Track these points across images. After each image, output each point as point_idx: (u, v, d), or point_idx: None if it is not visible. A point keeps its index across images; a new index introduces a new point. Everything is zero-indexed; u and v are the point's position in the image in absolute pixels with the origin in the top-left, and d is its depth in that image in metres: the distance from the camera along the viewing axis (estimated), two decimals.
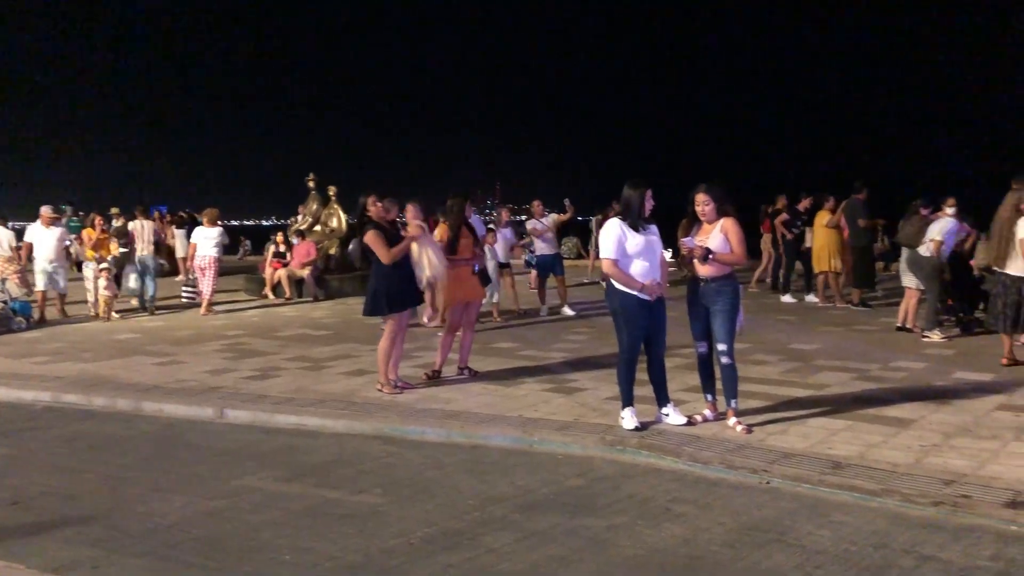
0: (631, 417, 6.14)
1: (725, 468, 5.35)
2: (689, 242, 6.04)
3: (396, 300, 7.48)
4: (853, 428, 6.06)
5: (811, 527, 4.40)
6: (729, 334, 6.04)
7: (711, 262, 5.98)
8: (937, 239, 9.69)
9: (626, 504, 4.84)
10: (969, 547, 4.07)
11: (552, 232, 13.05)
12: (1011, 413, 6.32)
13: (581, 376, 8.06)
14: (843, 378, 7.74)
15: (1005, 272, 7.93)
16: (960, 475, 4.98)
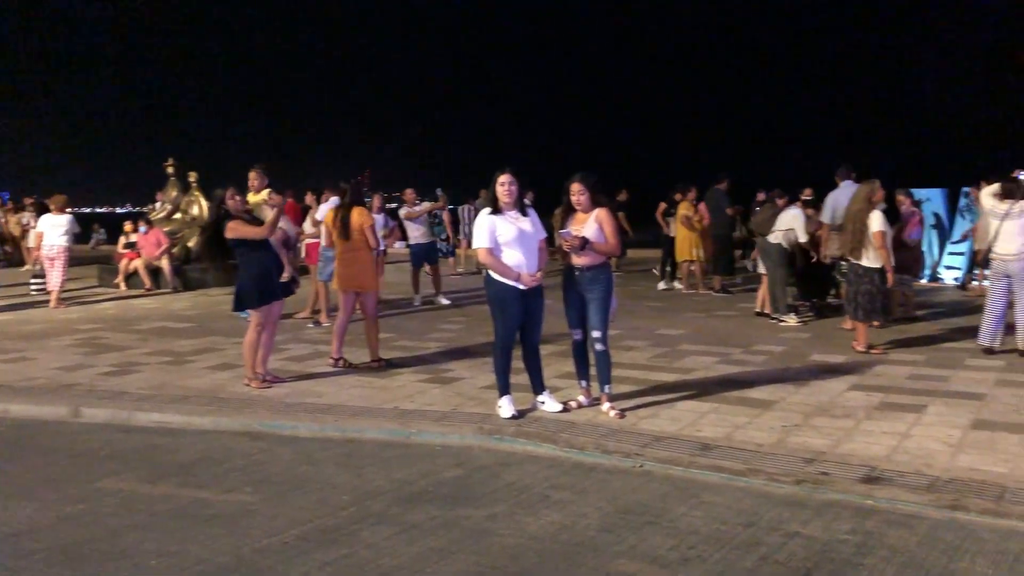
0: (508, 405, 6.15)
1: (600, 453, 5.44)
2: (566, 234, 6.09)
3: (266, 292, 7.24)
4: (719, 410, 6.27)
5: (684, 508, 4.52)
6: (603, 321, 6.14)
7: (586, 252, 6.06)
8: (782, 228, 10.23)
9: (505, 493, 4.85)
10: (830, 522, 4.28)
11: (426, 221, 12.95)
12: (863, 393, 6.70)
13: (457, 366, 8.03)
14: (708, 362, 8.02)
15: (859, 263, 8.38)
16: (819, 453, 5.24)
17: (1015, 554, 3.82)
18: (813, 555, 3.88)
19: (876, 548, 3.93)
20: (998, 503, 4.35)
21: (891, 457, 5.12)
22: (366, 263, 8.09)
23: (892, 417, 5.99)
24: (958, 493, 4.50)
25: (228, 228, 7.12)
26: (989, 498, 4.42)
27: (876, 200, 8.39)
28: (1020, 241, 8.02)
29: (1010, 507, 4.31)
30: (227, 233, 7.13)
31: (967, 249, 14.17)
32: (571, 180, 6.17)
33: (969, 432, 5.59)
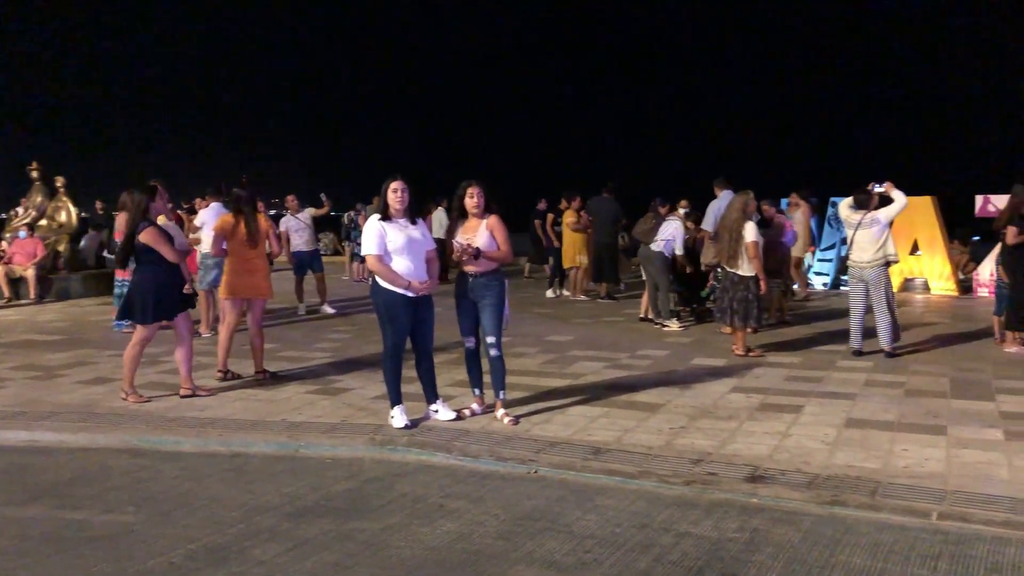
0: (400, 415, 6.09)
1: (495, 460, 5.45)
2: (460, 243, 6.07)
3: (160, 307, 6.90)
4: (609, 414, 6.39)
5: (579, 513, 4.57)
6: (497, 327, 6.16)
7: (479, 260, 6.06)
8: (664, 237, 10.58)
9: (399, 504, 4.79)
10: (719, 521, 4.41)
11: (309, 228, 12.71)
12: (744, 395, 6.95)
13: (346, 376, 7.90)
14: (597, 367, 8.16)
15: (735, 271, 8.70)
16: (706, 454, 5.40)
17: (889, 545, 4.03)
18: (704, 554, 3.99)
19: (763, 545, 4.07)
20: (873, 497, 4.59)
21: (773, 456, 5.33)
22: (265, 270, 7.91)
23: (772, 417, 6.23)
24: (836, 489, 4.72)
25: (145, 232, 6.79)
26: (864, 493, 4.65)
27: (750, 211, 8.74)
28: (873, 249, 8.51)
29: (883, 501, 4.54)
30: (141, 236, 6.79)
31: (835, 256, 14.95)
32: (466, 184, 6.16)
33: (843, 430, 5.88)
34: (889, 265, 8.68)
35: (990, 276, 13.38)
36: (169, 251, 6.83)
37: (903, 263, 13.50)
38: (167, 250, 6.82)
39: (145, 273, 6.86)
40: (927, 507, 4.43)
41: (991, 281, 13.33)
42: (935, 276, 14.25)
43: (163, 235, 6.87)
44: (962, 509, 4.38)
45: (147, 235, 6.77)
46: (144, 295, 6.83)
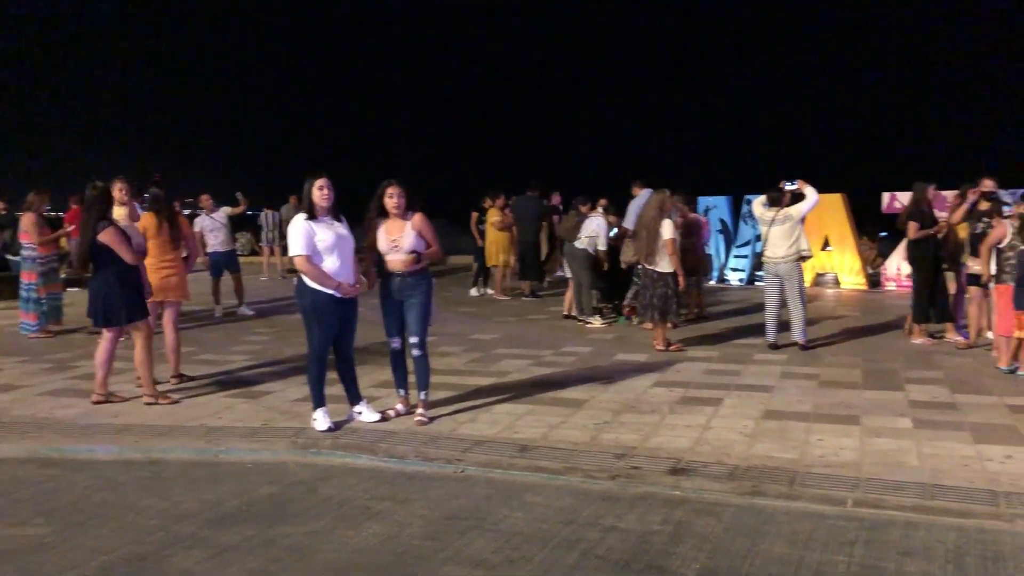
0: (323, 418, 5.99)
1: (421, 461, 5.41)
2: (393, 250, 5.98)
3: (133, 306, 6.76)
4: (535, 412, 6.42)
5: (506, 510, 4.58)
6: (422, 327, 6.12)
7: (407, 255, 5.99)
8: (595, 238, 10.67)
9: (324, 507, 4.71)
10: (643, 514, 4.47)
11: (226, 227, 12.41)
12: (666, 389, 7.07)
13: (266, 379, 7.74)
14: (521, 365, 8.19)
15: (654, 268, 8.84)
16: (630, 448, 5.47)
17: (808, 533, 4.15)
18: (630, 547, 4.03)
19: (687, 536, 4.14)
20: (791, 487, 4.72)
21: (694, 449, 5.43)
22: (182, 272, 7.72)
23: (693, 411, 6.35)
24: (756, 480, 4.84)
25: (105, 232, 6.55)
26: (783, 483, 4.78)
27: (667, 209, 8.89)
28: (787, 245, 8.77)
29: (801, 490, 4.67)
30: (101, 236, 6.54)
31: (750, 252, 15.32)
32: (386, 183, 6.09)
33: (761, 422, 6.03)
34: (802, 260, 8.96)
35: (897, 270, 13.92)
36: (128, 252, 6.65)
37: (815, 258, 13.93)
38: (126, 251, 6.63)
39: (108, 276, 6.65)
40: (843, 495, 4.58)
41: (898, 275, 13.87)
42: (845, 271, 14.74)
43: (122, 236, 6.69)
44: (875, 496, 4.54)
45: (107, 235, 6.57)
46: (111, 298, 6.65)
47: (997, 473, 4.82)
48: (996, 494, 4.49)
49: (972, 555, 3.83)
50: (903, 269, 12.92)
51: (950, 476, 4.79)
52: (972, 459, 5.08)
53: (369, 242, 6.10)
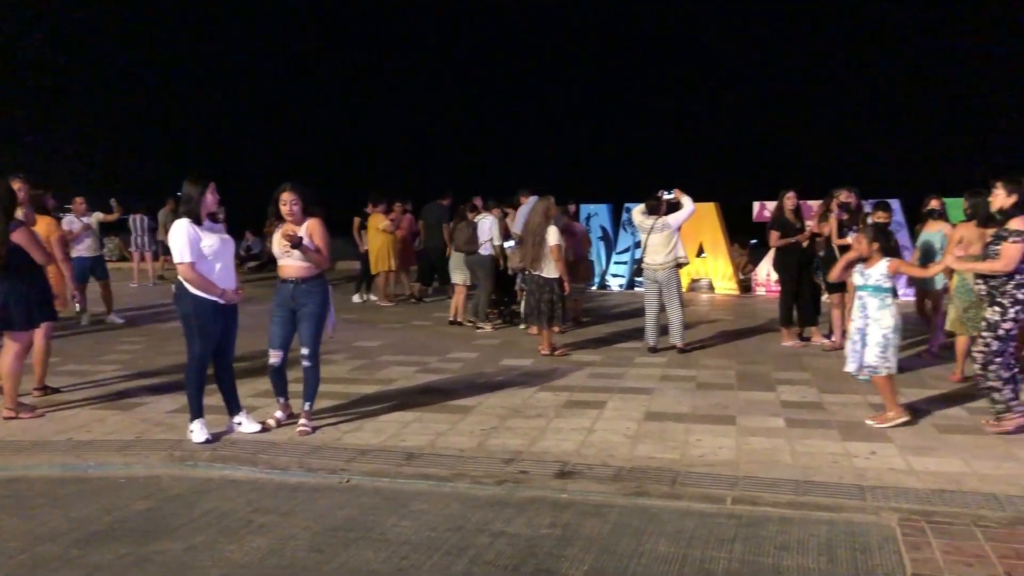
0: (201, 429, 5.78)
1: (304, 471, 5.29)
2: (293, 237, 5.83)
3: (47, 307, 6.53)
4: (421, 419, 6.37)
5: (394, 519, 4.52)
6: (315, 338, 5.98)
7: (302, 260, 5.85)
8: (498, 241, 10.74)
9: (204, 522, 4.54)
10: (531, 518, 4.50)
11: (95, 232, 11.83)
12: (552, 393, 7.15)
13: (139, 390, 7.40)
14: (407, 372, 8.12)
15: (539, 274, 8.93)
16: (517, 453, 5.50)
17: (691, 531, 4.27)
18: (519, 552, 4.05)
19: (574, 539, 4.19)
20: (673, 486, 4.84)
21: (580, 451, 5.51)
22: (56, 278, 7.32)
23: (578, 414, 6.44)
24: (639, 480, 4.94)
25: (19, 232, 6.22)
26: (665, 483, 4.90)
27: (552, 215, 9.01)
28: (665, 252, 9.04)
29: (683, 489, 4.81)
30: (14, 236, 6.19)
31: (629, 259, 15.70)
32: (281, 188, 5.94)
33: (643, 423, 6.17)
34: (680, 267, 9.24)
35: (766, 276, 14.54)
36: (39, 253, 6.37)
37: (690, 264, 14.39)
38: (38, 252, 6.34)
39: (21, 277, 6.35)
40: (722, 493, 4.73)
41: (768, 281, 14.49)
42: (719, 276, 15.29)
43: (34, 236, 6.40)
44: (752, 493, 4.71)
45: (19, 236, 6.24)
46: (23, 300, 6.36)
47: (864, 469, 5.08)
48: (863, 488, 4.73)
49: (842, 547, 4.03)
50: (772, 275, 13.50)
51: (821, 473, 5.03)
52: (840, 456, 5.35)
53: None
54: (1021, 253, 5.63)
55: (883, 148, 30.02)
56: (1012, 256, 5.65)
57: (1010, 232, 5.70)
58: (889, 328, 5.99)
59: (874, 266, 6.10)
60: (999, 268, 5.73)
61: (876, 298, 6.07)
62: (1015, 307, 5.71)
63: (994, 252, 5.80)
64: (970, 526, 4.20)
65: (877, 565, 3.82)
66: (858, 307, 6.16)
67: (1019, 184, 5.83)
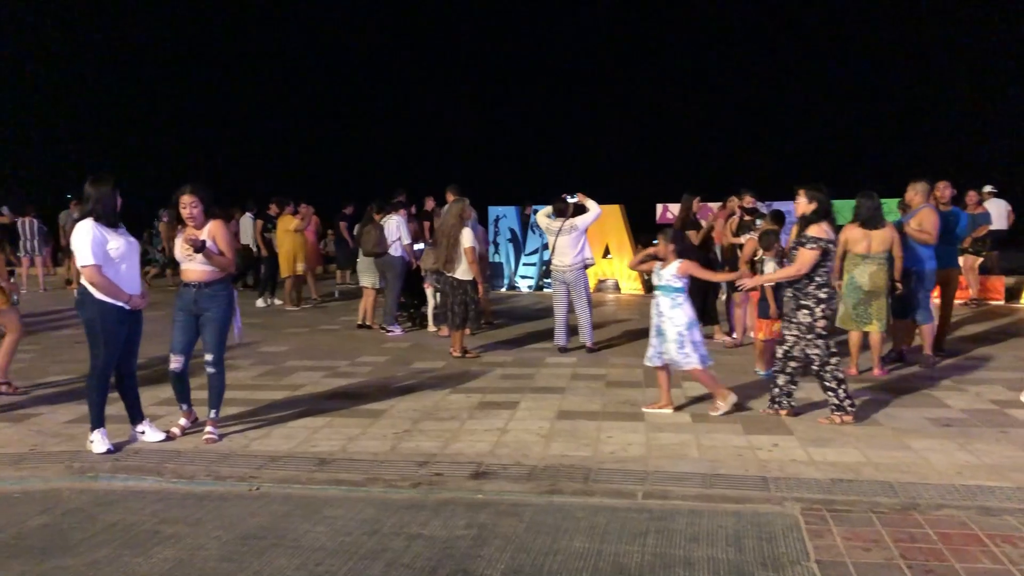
0: (102, 440, 5.58)
1: (212, 480, 5.16)
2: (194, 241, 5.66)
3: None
4: (332, 424, 6.29)
5: (307, 526, 4.45)
6: (219, 343, 5.83)
7: (205, 264, 5.69)
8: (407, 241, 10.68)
9: (107, 536, 4.37)
10: (447, 520, 4.49)
11: None
12: (464, 395, 7.16)
13: (32, 400, 7.08)
14: (316, 377, 8.00)
15: (453, 276, 8.93)
16: (431, 455, 5.49)
17: (604, 527, 4.34)
18: (436, 553, 4.05)
19: (491, 538, 4.21)
20: (586, 483, 4.92)
21: (494, 452, 5.54)
22: None
23: (491, 415, 6.47)
24: (553, 479, 5.00)
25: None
26: (578, 480, 4.97)
27: (467, 217, 9.04)
28: (573, 254, 9.18)
29: (595, 485, 4.89)
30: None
31: (538, 260, 15.85)
32: (181, 191, 5.77)
33: (556, 422, 6.24)
34: (587, 268, 9.38)
35: None
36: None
37: (596, 265, 14.63)
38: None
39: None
40: (633, 488, 4.83)
41: None
42: (624, 277, 15.58)
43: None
44: (662, 487, 4.83)
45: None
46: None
47: (767, 461, 5.27)
48: (767, 480, 4.90)
49: (749, 537, 4.16)
50: None
51: (726, 465, 5.19)
52: (745, 449, 5.52)
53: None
54: (815, 258, 5.98)
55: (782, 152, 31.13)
56: (806, 261, 6.00)
57: (808, 238, 6.05)
58: (683, 325, 6.33)
59: (667, 267, 6.44)
60: (792, 273, 6.07)
61: (668, 297, 6.41)
62: (820, 306, 6.05)
63: (793, 256, 6.15)
64: (867, 513, 4.41)
65: (782, 553, 3.96)
66: (653, 305, 6.51)
67: (819, 192, 6.20)
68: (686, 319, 6.34)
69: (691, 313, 6.40)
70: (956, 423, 6.08)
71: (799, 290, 6.11)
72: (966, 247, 12.66)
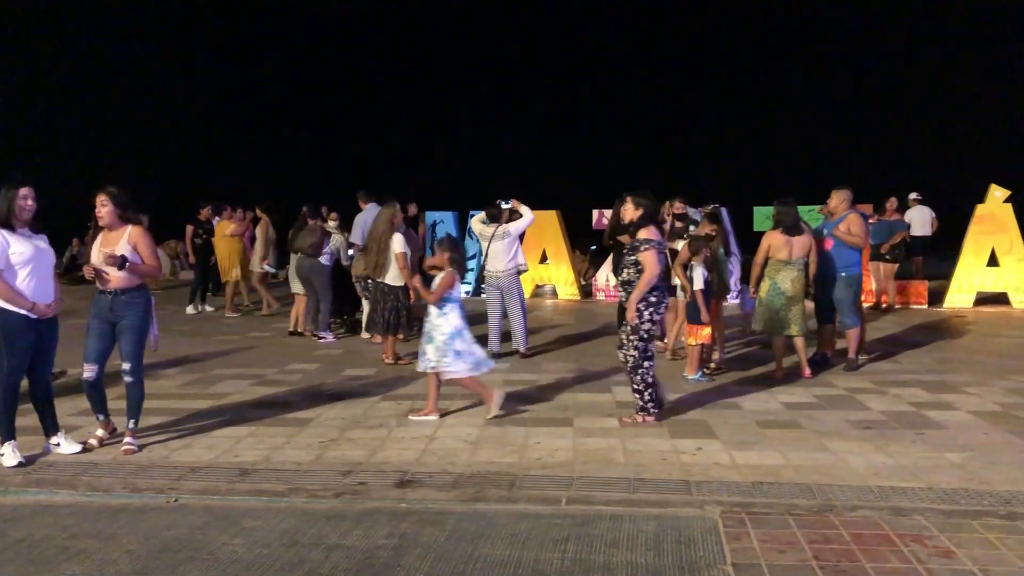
0: (13, 452, 5.40)
1: (129, 492, 5.03)
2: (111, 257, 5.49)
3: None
4: (257, 433, 6.19)
5: (224, 538, 4.36)
6: (136, 352, 5.68)
7: (126, 271, 5.54)
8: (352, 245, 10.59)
9: (13, 552, 4.22)
10: (369, 530, 4.44)
11: None
12: (394, 403, 7.10)
13: None
14: (243, 385, 7.86)
15: (383, 282, 8.86)
16: (356, 464, 5.43)
17: (526, 534, 4.33)
18: (355, 564, 4.00)
19: (411, 548, 4.17)
20: (511, 490, 4.91)
21: (421, 460, 5.50)
22: None
23: (420, 422, 6.42)
24: (478, 486, 4.98)
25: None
26: (503, 487, 4.96)
27: (397, 222, 8.97)
28: (506, 259, 9.19)
29: (520, 492, 4.88)
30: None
31: (475, 266, 15.82)
32: (96, 191, 5.62)
33: (484, 429, 6.23)
34: (520, 273, 9.39)
35: (606, 281, 15.00)
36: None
37: (533, 271, 14.66)
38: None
39: None
40: (557, 494, 4.84)
41: (607, 286, 14.95)
42: (561, 282, 15.64)
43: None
44: (586, 493, 4.85)
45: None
46: None
47: (690, 464, 5.32)
48: (689, 484, 4.96)
49: (669, 541, 4.20)
50: (611, 280, 13.96)
51: (650, 470, 5.23)
52: (669, 453, 5.58)
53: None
54: (657, 256, 6.14)
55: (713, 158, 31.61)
56: (653, 261, 6.14)
57: (641, 242, 6.20)
58: (447, 335, 6.40)
59: (436, 276, 6.55)
60: (648, 277, 6.15)
61: (435, 306, 6.48)
62: (648, 309, 6.19)
63: (630, 263, 6.26)
64: (784, 515, 4.48)
65: (700, 556, 4.00)
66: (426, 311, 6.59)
67: (646, 198, 6.39)
68: (450, 328, 6.40)
69: (457, 323, 6.44)
70: (875, 425, 6.22)
71: (630, 293, 6.22)
72: (883, 253, 13.03)
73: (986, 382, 7.70)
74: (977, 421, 6.32)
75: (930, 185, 16.88)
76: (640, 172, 27.07)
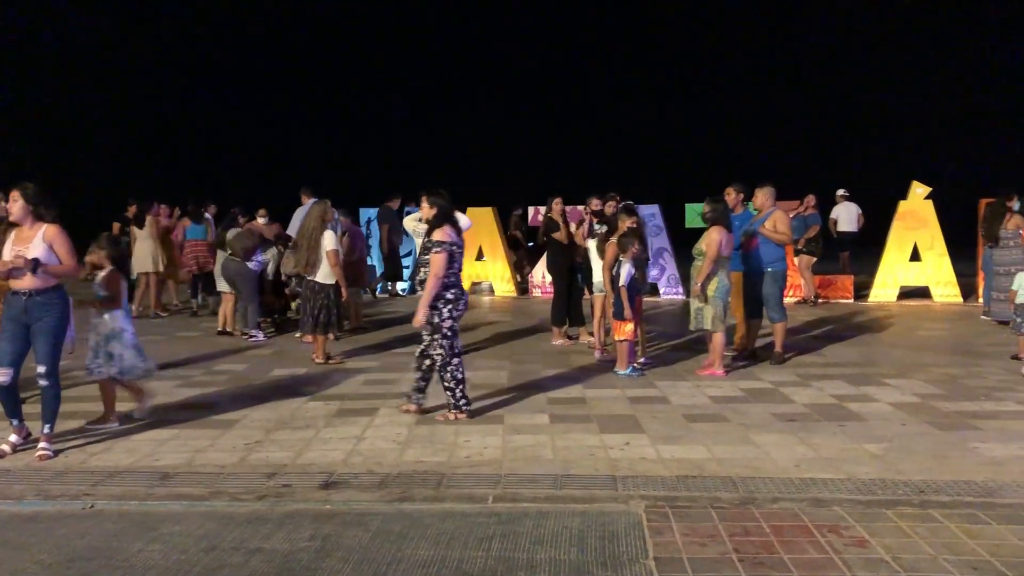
0: None
1: (42, 499, 4.86)
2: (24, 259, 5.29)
3: None
4: (180, 436, 6.04)
5: (141, 544, 4.24)
6: (52, 355, 5.49)
7: (40, 275, 5.35)
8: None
9: None
10: (291, 533, 4.36)
11: None
12: (323, 403, 7.00)
13: None
14: (167, 387, 7.67)
15: (314, 279, 8.73)
16: (281, 466, 5.34)
17: (451, 533, 4.30)
18: (275, 568, 3.92)
19: (334, 550, 4.11)
20: (438, 489, 4.88)
21: (347, 461, 5.43)
22: None
23: (348, 423, 6.35)
24: (405, 486, 4.94)
25: None
26: (430, 486, 4.93)
27: (328, 219, 8.85)
28: None
29: (447, 491, 4.85)
30: None
31: (413, 263, 15.72)
32: (12, 187, 5.42)
33: (414, 428, 6.18)
34: None
35: (542, 278, 15.04)
36: None
37: (470, 268, 14.63)
38: None
39: None
40: (484, 492, 4.82)
41: (543, 283, 14.99)
42: (498, 279, 15.64)
43: None
44: (513, 490, 4.84)
45: None
46: None
47: (618, 459, 5.36)
48: (616, 479, 4.99)
49: (593, 536, 4.21)
50: (547, 277, 14.00)
51: (578, 466, 5.25)
52: (597, 448, 5.61)
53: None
54: (445, 260, 6.20)
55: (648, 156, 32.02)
56: (440, 264, 6.21)
57: (434, 243, 6.29)
58: (102, 336, 6.19)
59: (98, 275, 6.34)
60: (433, 283, 6.21)
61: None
62: (447, 307, 6.28)
63: (424, 262, 6.34)
64: (707, 508, 4.53)
65: (623, 551, 4.02)
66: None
67: (441, 197, 6.45)
68: (106, 330, 6.22)
69: (115, 325, 6.23)
70: (799, 418, 6.35)
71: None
72: (800, 247, 13.33)
73: (906, 374, 7.91)
74: (896, 412, 6.49)
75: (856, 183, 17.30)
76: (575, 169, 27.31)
